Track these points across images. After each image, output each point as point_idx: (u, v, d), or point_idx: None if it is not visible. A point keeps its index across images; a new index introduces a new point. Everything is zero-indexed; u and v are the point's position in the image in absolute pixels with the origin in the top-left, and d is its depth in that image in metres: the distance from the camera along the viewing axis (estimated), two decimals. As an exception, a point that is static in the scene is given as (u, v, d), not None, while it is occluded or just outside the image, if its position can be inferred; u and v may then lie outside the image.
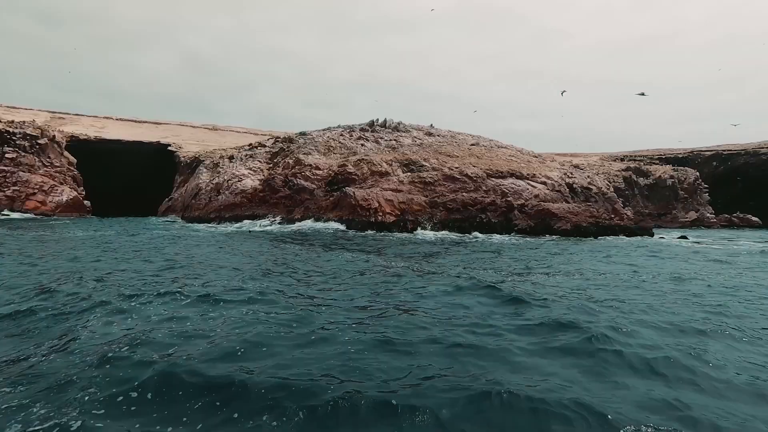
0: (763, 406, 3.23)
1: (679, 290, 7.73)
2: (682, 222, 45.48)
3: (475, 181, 27.39)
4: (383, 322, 5.01)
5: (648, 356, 3.99)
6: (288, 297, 6.16)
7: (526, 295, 6.39)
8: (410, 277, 8.17)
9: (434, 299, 6.33)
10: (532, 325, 4.91)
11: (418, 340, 4.33)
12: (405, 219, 25.12)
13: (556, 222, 24.76)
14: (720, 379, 3.66)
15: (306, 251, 13.10)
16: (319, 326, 4.76)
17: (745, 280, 9.28)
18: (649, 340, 4.53)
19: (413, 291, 6.90)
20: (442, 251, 14.02)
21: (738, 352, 4.41)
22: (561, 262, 11.84)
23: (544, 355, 4.04)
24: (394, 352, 4.00)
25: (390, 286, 7.43)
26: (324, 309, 5.54)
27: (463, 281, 7.69)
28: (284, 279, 7.80)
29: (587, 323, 4.93)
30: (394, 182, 27.30)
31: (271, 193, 29.73)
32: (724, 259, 13.34)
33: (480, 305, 5.91)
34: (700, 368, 3.82)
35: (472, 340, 4.31)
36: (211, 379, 3.27)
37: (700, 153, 56.31)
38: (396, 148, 30.86)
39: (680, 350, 4.25)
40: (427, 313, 5.47)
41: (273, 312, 5.26)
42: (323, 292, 6.71)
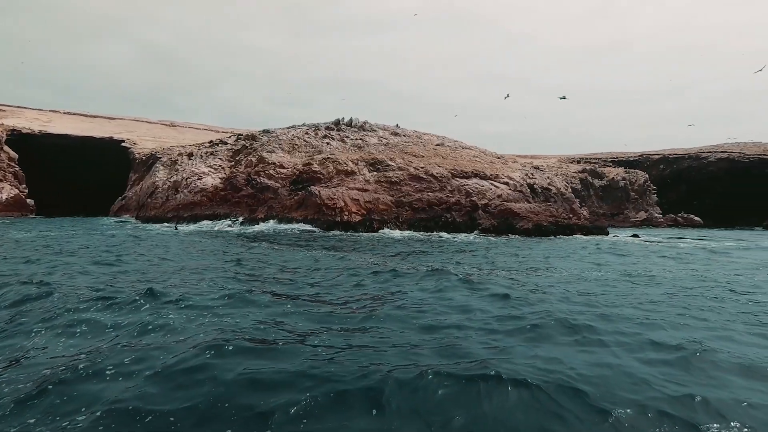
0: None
1: (616, 282, 8.06)
2: (633, 221, 47.93)
3: (441, 181, 27.68)
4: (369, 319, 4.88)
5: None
6: (267, 296, 5.90)
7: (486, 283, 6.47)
8: (386, 275, 8.08)
9: (409, 293, 6.28)
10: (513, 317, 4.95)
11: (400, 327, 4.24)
12: (371, 219, 25.03)
13: (518, 221, 25.41)
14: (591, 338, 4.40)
15: (274, 252, 12.75)
16: (294, 328, 4.57)
17: (670, 271, 9.82)
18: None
19: (389, 286, 6.81)
20: (410, 250, 14.03)
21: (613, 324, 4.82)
22: (524, 258, 12.12)
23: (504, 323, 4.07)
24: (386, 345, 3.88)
25: (366, 282, 7.30)
26: (301, 311, 5.35)
27: (434, 275, 7.69)
28: (255, 282, 7.51)
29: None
30: (360, 182, 27.15)
31: (232, 192, 28.85)
32: (666, 254, 14.13)
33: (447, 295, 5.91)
34: (582, 327, 4.62)
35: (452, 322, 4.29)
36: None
37: (649, 156, 59.58)
38: (362, 147, 30.71)
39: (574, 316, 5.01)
40: (411, 303, 5.41)
41: (247, 316, 5.01)
42: (299, 292, 6.49)
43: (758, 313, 6.01)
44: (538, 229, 24.51)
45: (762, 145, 58.51)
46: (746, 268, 11.38)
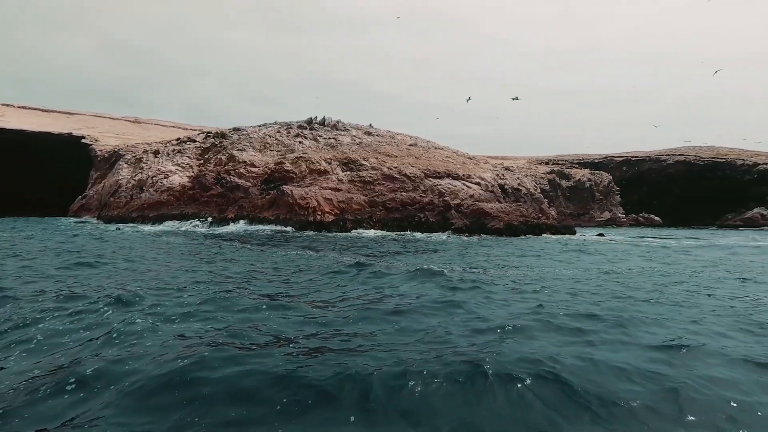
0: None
1: (580, 276, 8.30)
2: (598, 221, 49.64)
3: (414, 181, 27.80)
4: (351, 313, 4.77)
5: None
6: (243, 299, 5.69)
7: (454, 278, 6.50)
8: (365, 275, 7.99)
9: (389, 292, 6.21)
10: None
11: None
12: (344, 218, 24.86)
13: (490, 221, 25.82)
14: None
15: (248, 252, 12.43)
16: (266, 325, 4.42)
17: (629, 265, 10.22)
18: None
19: (369, 287, 6.73)
20: (386, 249, 13.98)
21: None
22: (500, 256, 12.30)
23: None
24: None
25: (346, 283, 7.19)
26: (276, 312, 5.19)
27: (415, 274, 7.67)
28: (229, 284, 7.26)
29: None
30: (333, 181, 26.92)
31: (201, 191, 28.03)
32: (632, 252, 14.70)
33: (423, 289, 5.90)
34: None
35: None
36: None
37: (613, 158, 61.91)
38: (335, 146, 30.47)
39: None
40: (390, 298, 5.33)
41: (224, 321, 4.81)
42: (276, 294, 6.30)
43: (726, 306, 6.29)
44: (509, 229, 24.97)
45: (715, 148, 61.80)
46: (704, 264, 11.94)
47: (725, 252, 16.45)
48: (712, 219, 54.48)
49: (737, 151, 60.14)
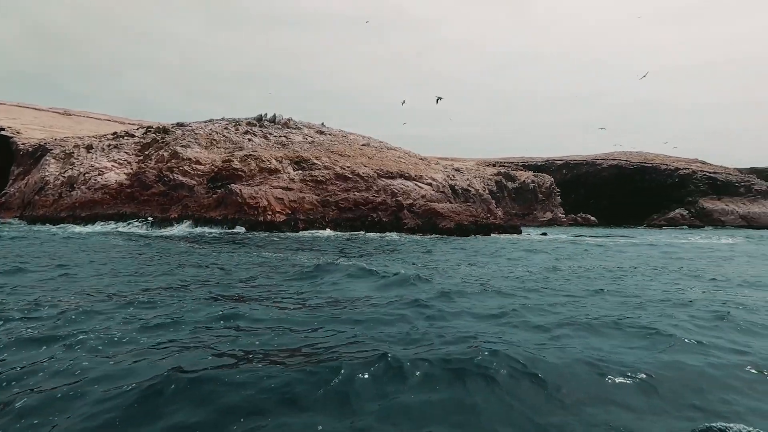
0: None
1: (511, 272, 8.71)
2: (541, 221, 52.22)
3: (367, 180, 27.78)
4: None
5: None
6: (201, 310, 5.35)
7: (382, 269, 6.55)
8: (332, 275, 7.82)
9: (352, 292, 6.11)
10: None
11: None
12: (296, 218, 24.37)
13: (441, 221, 26.34)
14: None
15: (198, 255, 11.80)
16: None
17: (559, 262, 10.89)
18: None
19: (331, 288, 6.58)
20: (343, 249, 13.83)
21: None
22: (455, 255, 12.56)
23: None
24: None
25: (310, 284, 6.99)
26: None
27: (356, 271, 7.62)
28: (181, 291, 6.82)
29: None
30: (285, 180, 26.31)
31: (141, 190, 26.35)
32: (573, 249, 15.62)
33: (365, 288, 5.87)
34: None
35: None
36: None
37: (554, 162, 65.40)
38: (286, 144, 29.80)
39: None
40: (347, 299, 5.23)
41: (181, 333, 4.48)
42: (235, 297, 5.99)
43: (664, 294, 6.79)
44: (459, 229, 25.60)
45: (643, 154, 67.07)
46: (642, 260, 12.89)
47: (655, 250, 17.86)
48: (640, 219, 59.14)
49: (662, 157, 65.63)
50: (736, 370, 3.80)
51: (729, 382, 3.56)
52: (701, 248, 19.02)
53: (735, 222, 57.31)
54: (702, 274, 10.09)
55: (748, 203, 59.97)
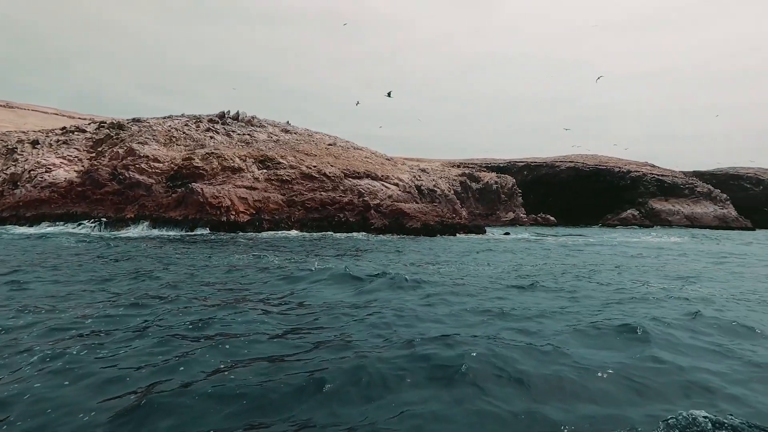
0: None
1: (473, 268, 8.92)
2: (503, 221, 53.58)
3: (333, 180, 27.54)
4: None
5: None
6: (165, 323, 5.05)
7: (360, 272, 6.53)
8: (312, 278, 7.61)
9: (328, 293, 5.98)
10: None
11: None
12: (261, 218, 23.81)
13: (408, 221, 26.48)
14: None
15: (160, 259, 11.26)
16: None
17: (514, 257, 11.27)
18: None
19: (283, 280, 6.42)
20: (312, 249, 13.60)
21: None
22: (426, 255, 12.63)
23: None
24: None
25: (292, 286, 6.78)
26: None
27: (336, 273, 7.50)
28: (146, 303, 6.44)
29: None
30: (249, 179, 25.65)
31: (93, 188, 24.94)
32: (536, 248, 16.12)
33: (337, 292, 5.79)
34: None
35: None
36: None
37: (516, 163, 67.31)
38: (250, 143, 29.07)
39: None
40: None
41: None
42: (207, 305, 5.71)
43: (618, 290, 7.08)
44: (426, 229, 25.82)
45: (598, 156, 70.22)
46: (604, 258, 13.45)
47: (614, 249, 18.70)
48: (596, 218, 61.91)
49: (615, 160, 68.94)
50: (703, 362, 4.00)
51: (699, 376, 3.74)
52: (660, 247, 20.10)
53: (680, 222, 61.02)
54: (662, 271, 10.64)
55: (692, 204, 64.00)
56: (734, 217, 62.23)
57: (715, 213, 62.42)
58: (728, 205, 63.82)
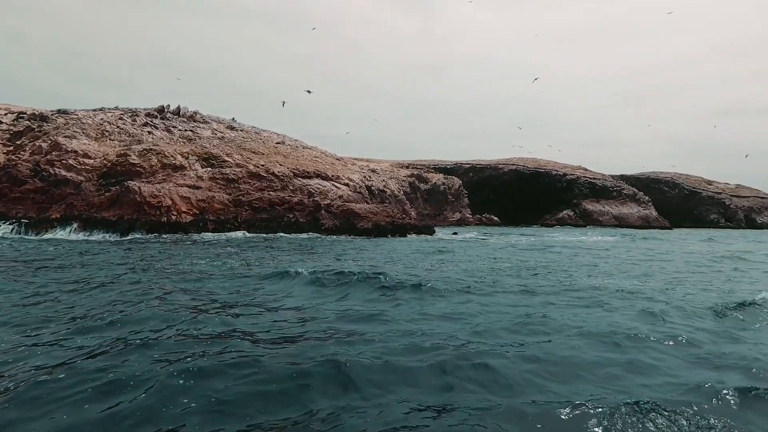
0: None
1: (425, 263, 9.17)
2: (451, 221, 55.03)
3: (282, 180, 26.87)
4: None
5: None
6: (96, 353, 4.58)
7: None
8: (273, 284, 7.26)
9: (297, 297, 5.75)
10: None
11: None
12: (205, 219, 22.70)
13: (359, 221, 26.43)
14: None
15: (96, 263, 10.34)
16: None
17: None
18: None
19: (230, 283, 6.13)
20: (267, 252, 13.11)
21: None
22: (382, 254, 12.61)
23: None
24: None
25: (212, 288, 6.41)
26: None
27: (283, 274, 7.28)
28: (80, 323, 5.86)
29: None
30: (192, 178, 24.36)
31: (11, 185, 22.53)
32: (483, 247, 16.70)
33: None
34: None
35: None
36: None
37: (462, 165, 69.42)
38: (193, 139, 27.63)
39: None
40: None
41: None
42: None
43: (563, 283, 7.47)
44: (377, 229, 25.91)
45: (537, 160, 74.10)
46: (552, 257, 14.16)
47: (558, 249, 19.77)
48: (536, 218, 65.33)
49: (552, 163, 73.12)
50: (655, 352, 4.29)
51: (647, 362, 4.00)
52: (598, 246, 21.49)
53: (609, 222, 65.89)
54: (599, 266, 11.38)
55: (620, 205, 69.33)
56: (655, 217, 68.17)
57: (639, 213, 68.03)
58: (650, 206, 69.83)
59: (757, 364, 4.12)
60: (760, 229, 73.12)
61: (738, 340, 4.94)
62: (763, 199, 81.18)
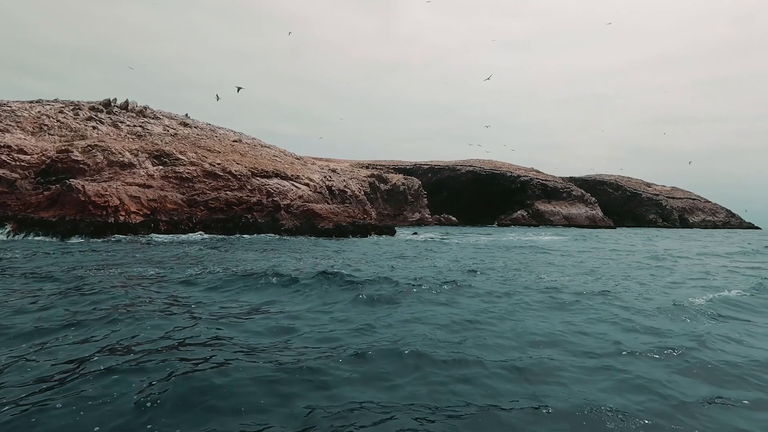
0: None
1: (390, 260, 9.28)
2: (410, 221, 55.59)
3: (240, 179, 26.05)
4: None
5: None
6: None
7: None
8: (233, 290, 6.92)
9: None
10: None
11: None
12: (157, 219, 21.61)
13: (320, 222, 26.09)
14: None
15: (39, 270, 9.53)
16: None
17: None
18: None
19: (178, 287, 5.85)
20: (206, 254, 12.60)
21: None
22: (348, 255, 12.48)
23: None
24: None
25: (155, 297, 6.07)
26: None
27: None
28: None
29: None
30: (142, 176, 23.12)
31: (-68, 183, 20.41)
32: (445, 246, 16.99)
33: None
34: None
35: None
36: None
37: (421, 166, 70.26)
38: (143, 136, 26.22)
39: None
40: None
41: None
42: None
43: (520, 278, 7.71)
44: (338, 230, 25.68)
45: (493, 162, 76.36)
46: (518, 257, 14.57)
47: (523, 248, 20.41)
48: (492, 218, 67.32)
49: (507, 165, 75.60)
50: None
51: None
52: (555, 244, 22.39)
53: (560, 222, 69.02)
54: (558, 263, 11.86)
55: (569, 206, 72.77)
56: (601, 217, 72.12)
57: (587, 214, 71.74)
58: (596, 206, 73.80)
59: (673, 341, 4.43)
60: (692, 228, 79.28)
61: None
62: (695, 201, 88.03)
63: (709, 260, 15.24)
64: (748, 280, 9.78)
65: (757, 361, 4.28)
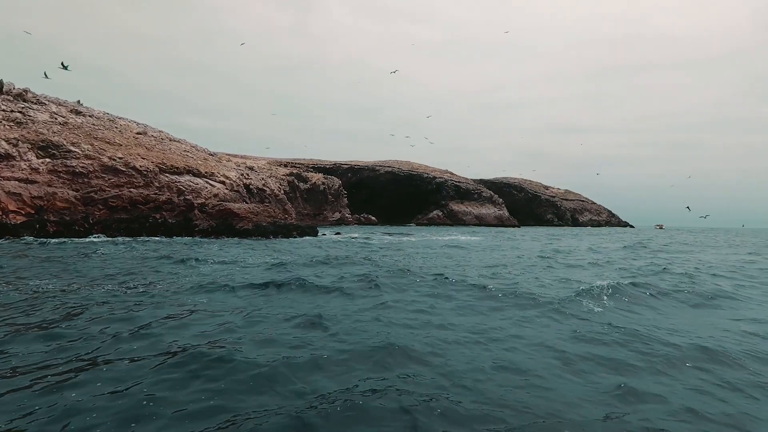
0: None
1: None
2: (331, 221, 55.14)
3: (146, 175, 23.75)
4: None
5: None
6: None
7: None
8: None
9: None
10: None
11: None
12: (44, 219, 18.87)
13: (238, 222, 24.77)
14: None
15: None
16: None
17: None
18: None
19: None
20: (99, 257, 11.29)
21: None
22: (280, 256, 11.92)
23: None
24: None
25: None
26: None
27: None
28: None
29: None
30: (24, 170, 20.04)
31: None
32: (372, 246, 17.17)
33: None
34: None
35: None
36: None
37: (341, 165, 70.07)
38: (24, 123, 22.73)
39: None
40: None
41: None
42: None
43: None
44: (258, 230, 24.60)
45: (411, 163, 78.77)
46: (430, 250, 15.07)
47: (449, 248, 21.18)
48: (410, 218, 69.44)
49: (424, 166, 78.46)
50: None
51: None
52: (474, 243, 23.61)
53: (472, 221, 73.38)
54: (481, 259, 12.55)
55: (479, 206, 77.71)
56: (507, 217, 78.02)
57: (495, 214, 77.14)
58: (503, 207, 79.70)
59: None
60: (582, 226, 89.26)
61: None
62: (584, 202, 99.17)
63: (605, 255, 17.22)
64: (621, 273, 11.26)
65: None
